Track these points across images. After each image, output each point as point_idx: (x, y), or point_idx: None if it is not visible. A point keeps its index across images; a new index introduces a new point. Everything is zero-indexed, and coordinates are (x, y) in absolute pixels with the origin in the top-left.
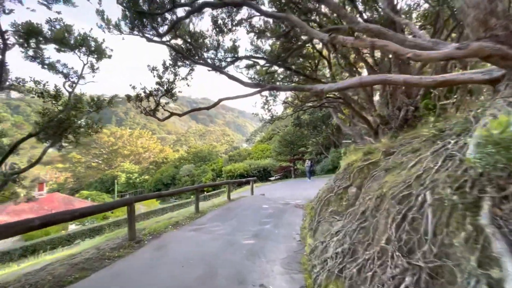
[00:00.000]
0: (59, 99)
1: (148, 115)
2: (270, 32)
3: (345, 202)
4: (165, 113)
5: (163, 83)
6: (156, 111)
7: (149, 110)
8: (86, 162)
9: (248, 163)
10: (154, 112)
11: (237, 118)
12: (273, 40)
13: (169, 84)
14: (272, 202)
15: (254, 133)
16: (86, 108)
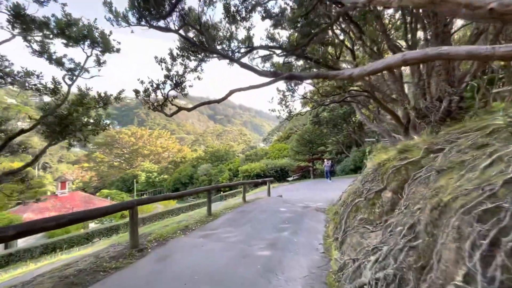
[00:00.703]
0: (58, 93)
1: (156, 110)
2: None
3: (378, 209)
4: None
5: (172, 77)
6: (164, 106)
7: (157, 105)
8: (109, 161)
9: (265, 163)
10: (162, 107)
11: (254, 118)
12: (290, 29)
13: (178, 77)
14: (290, 205)
15: (271, 132)
16: (92, 104)
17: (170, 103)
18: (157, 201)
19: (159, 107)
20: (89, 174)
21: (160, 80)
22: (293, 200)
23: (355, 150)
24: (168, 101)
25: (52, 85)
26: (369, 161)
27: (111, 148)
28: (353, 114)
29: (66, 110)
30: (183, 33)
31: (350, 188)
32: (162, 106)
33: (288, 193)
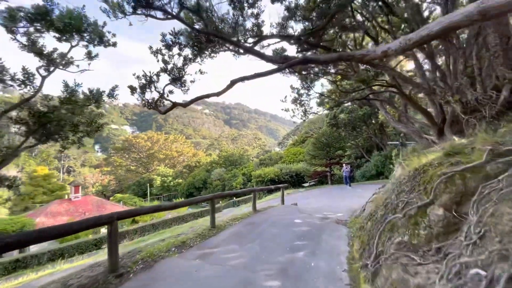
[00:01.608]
0: (28, 85)
1: (151, 107)
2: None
3: (423, 230)
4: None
5: (171, 71)
6: (159, 103)
7: (151, 101)
8: (126, 165)
9: (279, 168)
10: (156, 104)
11: (269, 122)
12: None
13: (177, 70)
14: (306, 215)
15: (287, 136)
16: (82, 102)
17: (165, 99)
18: (143, 214)
19: (153, 104)
20: (108, 178)
21: (153, 72)
22: (310, 209)
23: (376, 154)
24: (164, 97)
25: (23, 76)
26: (400, 166)
27: (128, 152)
28: (374, 115)
29: (45, 107)
30: (183, 18)
31: (376, 197)
32: (157, 103)
33: (304, 201)
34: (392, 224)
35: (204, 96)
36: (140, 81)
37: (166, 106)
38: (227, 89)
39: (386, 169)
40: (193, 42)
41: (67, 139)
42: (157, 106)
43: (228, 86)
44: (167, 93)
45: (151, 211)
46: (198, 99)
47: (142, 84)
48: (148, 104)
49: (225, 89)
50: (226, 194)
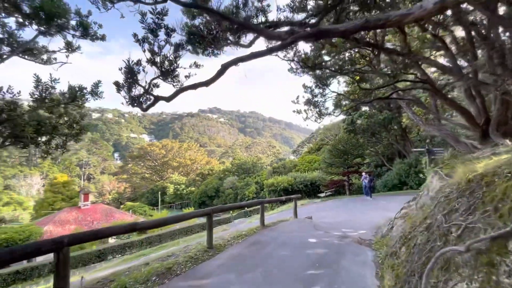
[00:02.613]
0: None
1: (135, 105)
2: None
3: (509, 278)
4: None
5: (162, 64)
6: (142, 99)
7: (135, 96)
8: (141, 173)
9: (293, 176)
10: (139, 101)
11: (284, 130)
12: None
13: (168, 63)
14: (322, 233)
15: (301, 144)
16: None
17: (149, 94)
18: (108, 236)
19: (136, 100)
20: (124, 185)
21: (133, 61)
22: (326, 224)
23: (399, 162)
24: (149, 92)
25: None
26: (436, 176)
27: (143, 160)
28: (395, 120)
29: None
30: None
31: (409, 213)
32: (140, 99)
33: (319, 214)
34: (446, 260)
35: (190, 87)
36: (125, 76)
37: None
38: (218, 76)
39: (411, 179)
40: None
41: (49, 143)
42: (141, 103)
43: (218, 72)
44: (152, 87)
45: (122, 231)
46: (183, 90)
47: (127, 79)
48: (132, 101)
49: (215, 76)
50: (228, 207)
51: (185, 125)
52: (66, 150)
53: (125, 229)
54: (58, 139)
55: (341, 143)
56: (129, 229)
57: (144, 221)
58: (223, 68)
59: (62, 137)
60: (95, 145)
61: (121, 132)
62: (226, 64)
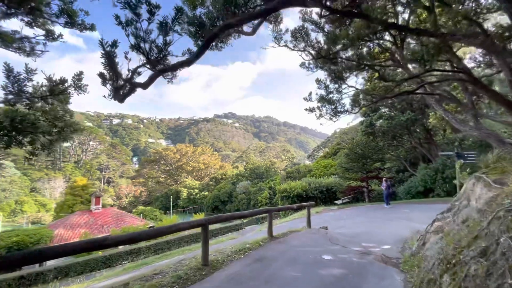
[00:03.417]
0: None
1: (116, 97)
2: None
3: None
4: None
5: (150, 51)
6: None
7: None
8: (156, 177)
9: (307, 182)
10: (118, 92)
11: (299, 135)
12: None
13: (157, 50)
14: (339, 248)
15: (317, 148)
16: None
17: (130, 83)
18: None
19: (114, 91)
20: (140, 189)
21: (106, 43)
22: (344, 236)
23: (423, 167)
24: (130, 82)
25: None
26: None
27: (158, 164)
28: (419, 121)
29: None
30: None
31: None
32: (121, 90)
33: (336, 223)
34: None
35: (170, 69)
36: (104, 62)
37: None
38: (202, 52)
39: (438, 185)
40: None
41: (32, 143)
42: (123, 95)
43: (202, 47)
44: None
45: (84, 248)
46: (161, 73)
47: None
48: (116, 93)
49: (199, 52)
50: (226, 217)
51: (201, 130)
52: (52, 151)
53: (92, 245)
54: (43, 138)
55: (359, 146)
56: (97, 245)
57: (115, 236)
58: (207, 41)
59: (47, 137)
60: (114, 149)
61: (140, 137)
62: (211, 37)
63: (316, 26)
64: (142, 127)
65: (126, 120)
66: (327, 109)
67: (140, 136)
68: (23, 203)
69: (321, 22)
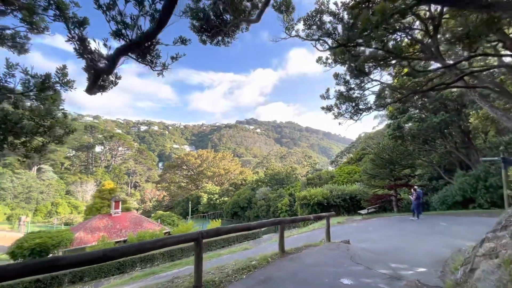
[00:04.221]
0: None
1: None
2: None
3: None
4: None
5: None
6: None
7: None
8: (178, 182)
9: (329, 189)
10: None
11: (322, 140)
12: None
13: (144, 38)
14: (362, 269)
15: (340, 154)
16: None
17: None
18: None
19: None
20: (163, 193)
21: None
22: (369, 253)
23: (461, 174)
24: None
25: None
26: None
27: (180, 169)
28: (455, 123)
29: None
30: None
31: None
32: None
33: (360, 236)
34: None
35: (135, 45)
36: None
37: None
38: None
39: (480, 195)
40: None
41: (24, 145)
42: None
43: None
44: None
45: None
46: (125, 52)
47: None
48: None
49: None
50: (227, 230)
51: (223, 136)
52: (44, 154)
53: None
54: (37, 141)
55: (386, 151)
56: (47, 266)
57: (68, 256)
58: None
59: (37, 137)
60: (141, 155)
61: (165, 143)
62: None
63: (334, 17)
64: (167, 133)
65: (152, 127)
66: (347, 107)
67: (166, 142)
68: (58, 205)
69: (339, 12)
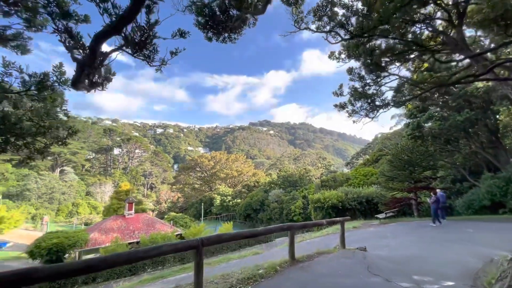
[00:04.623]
0: None
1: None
2: None
3: None
4: None
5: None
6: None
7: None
8: (192, 184)
9: (344, 191)
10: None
11: (336, 142)
12: None
13: (140, 32)
14: (380, 281)
15: (356, 156)
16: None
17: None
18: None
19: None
20: (178, 194)
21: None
22: (388, 262)
23: (489, 176)
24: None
25: None
26: None
27: (194, 171)
28: (481, 121)
29: None
30: None
31: None
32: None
33: (377, 243)
34: None
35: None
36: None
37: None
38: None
39: (511, 199)
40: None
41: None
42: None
43: None
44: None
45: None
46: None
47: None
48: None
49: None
50: (229, 238)
51: (236, 138)
52: (45, 155)
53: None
54: (39, 143)
55: (405, 152)
56: (22, 278)
57: (46, 268)
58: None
59: (39, 138)
60: (157, 157)
61: (180, 145)
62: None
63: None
64: (182, 136)
65: (168, 129)
66: (362, 104)
67: (181, 144)
68: (78, 205)
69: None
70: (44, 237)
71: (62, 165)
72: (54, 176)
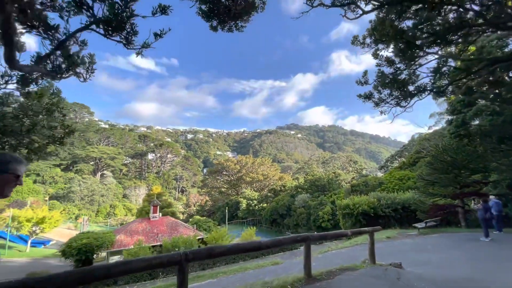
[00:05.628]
0: None
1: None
2: None
3: None
4: None
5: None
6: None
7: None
8: (219, 187)
9: (376, 197)
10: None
11: (369, 144)
12: None
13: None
14: None
15: (391, 159)
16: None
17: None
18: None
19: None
20: (206, 198)
21: None
22: (429, 285)
23: None
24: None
25: None
26: None
27: (220, 175)
28: None
29: None
30: None
31: None
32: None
33: (415, 258)
34: None
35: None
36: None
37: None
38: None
39: None
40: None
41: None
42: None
43: None
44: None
45: None
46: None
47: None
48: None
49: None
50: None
51: (264, 142)
52: (41, 156)
53: None
54: (40, 142)
55: (448, 152)
56: None
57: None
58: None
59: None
60: (188, 161)
61: (209, 150)
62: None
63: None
64: (211, 140)
65: (198, 135)
66: (391, 91)
67: (210, 149)
68: (115, 207)
69: None
70: (76, 237)
71: (102, 169)
72: (95, 179)
